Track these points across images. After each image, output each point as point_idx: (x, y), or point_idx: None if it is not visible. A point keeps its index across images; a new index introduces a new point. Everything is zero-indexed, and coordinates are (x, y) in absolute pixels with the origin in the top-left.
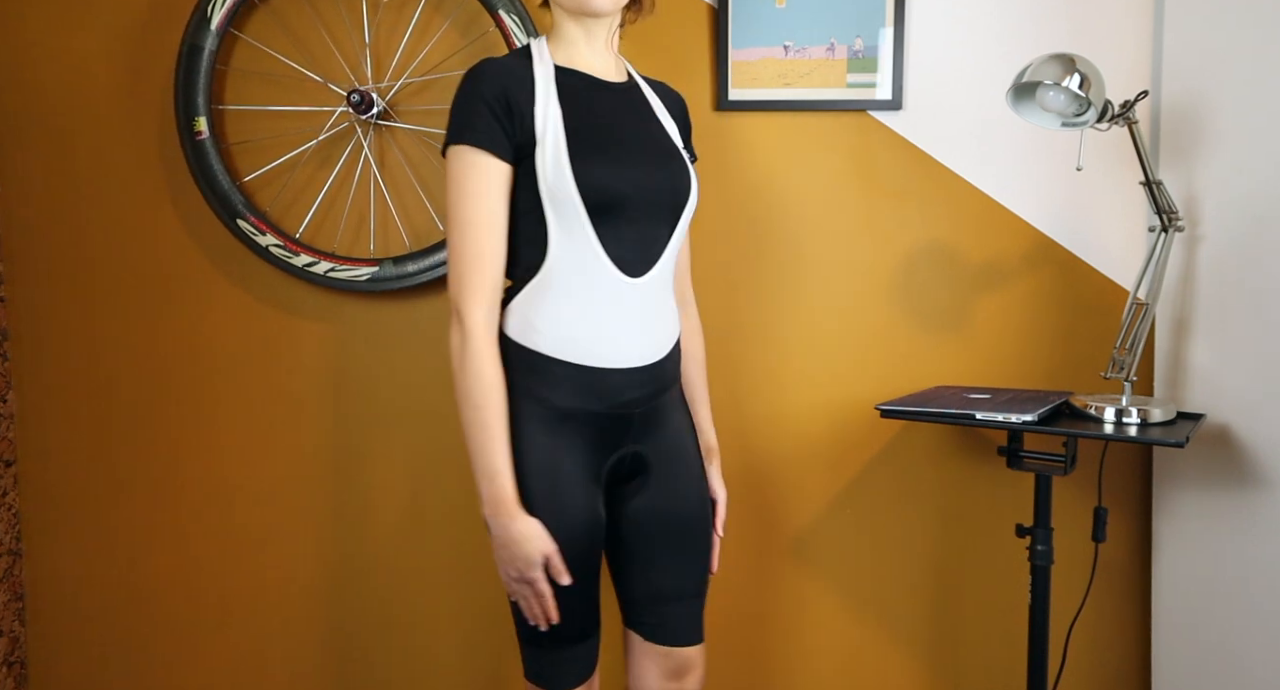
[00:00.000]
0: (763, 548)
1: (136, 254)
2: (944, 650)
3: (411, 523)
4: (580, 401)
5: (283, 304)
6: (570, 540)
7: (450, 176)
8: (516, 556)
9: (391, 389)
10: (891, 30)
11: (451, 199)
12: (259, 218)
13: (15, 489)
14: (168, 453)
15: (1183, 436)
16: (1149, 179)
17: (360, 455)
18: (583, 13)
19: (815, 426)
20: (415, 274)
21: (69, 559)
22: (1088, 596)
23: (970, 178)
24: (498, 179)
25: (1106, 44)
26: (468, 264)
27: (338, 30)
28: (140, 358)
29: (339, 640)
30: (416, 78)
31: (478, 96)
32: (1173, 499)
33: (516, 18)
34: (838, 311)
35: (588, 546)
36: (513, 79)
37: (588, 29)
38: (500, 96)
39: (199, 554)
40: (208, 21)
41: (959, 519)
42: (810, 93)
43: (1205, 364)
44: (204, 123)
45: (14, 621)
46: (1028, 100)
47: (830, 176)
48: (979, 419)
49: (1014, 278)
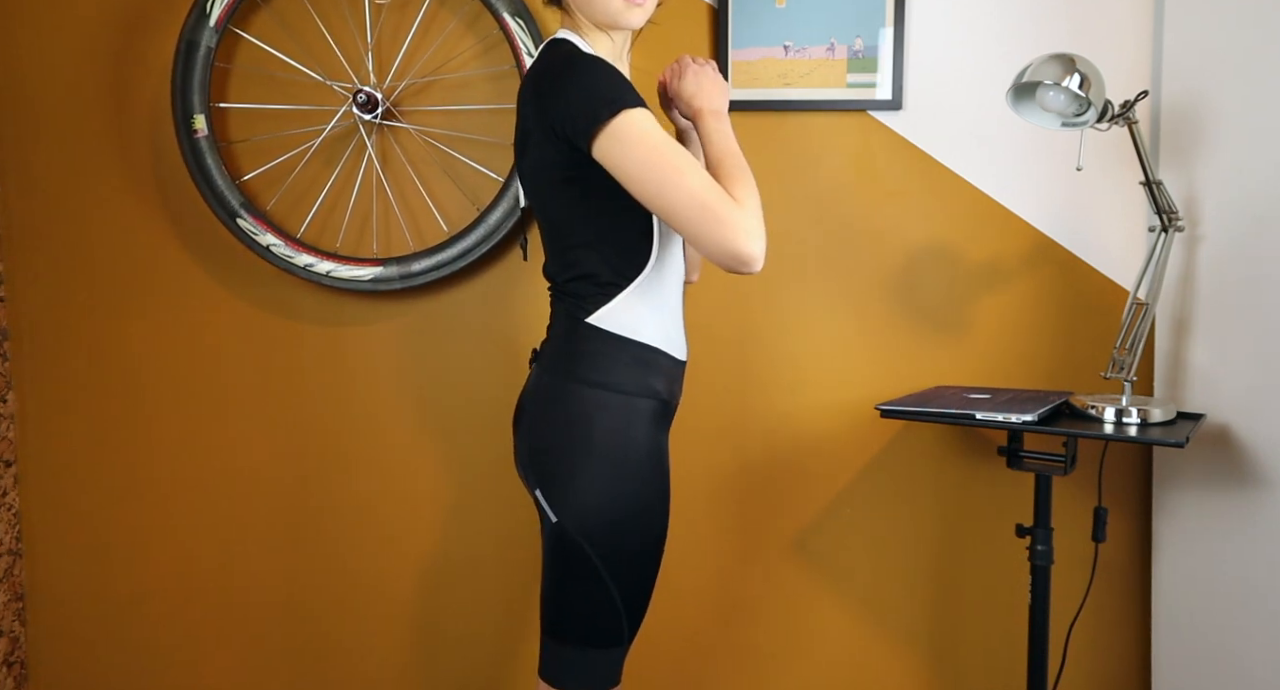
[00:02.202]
0: (763, 547)
1: (137, 254)
2: (944, 650)
3: (412, 522)
4: (671, 393)
5: (284, 304)
6: (662, 535)
7: (634, 138)
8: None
9: (393, 390)
10: (891, 30)
11: (649, 157)
12: (259, 217)
13: (15, 489)
14: (167, 452)
15: (1183, 436)
16: (1149, 179)
17: (361, 455)
18: (615, 27)
19: (815, 426)
20: (419, 274)
21: (69, 559)
22: (1088, 596)
23: (970, 178)
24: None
25: (1106, 44)
26: (712, 193)
27: (341, 30)
28: (140, 358)
29: (339, 640)
30: (420, 79)
31: (611, 71)
32: (1173, 499)
33: (521, 21)
34: (838, 311)
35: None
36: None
37: (613, 38)
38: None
39: (198, 554)
40: (206, 17)
41: (959, 519)
42: (810, 93)
43: (1205, 364)
44: (202, 120)
45: (14, 621)
46: (1028, 100)
47: (830, 176)
48: (979, 419)
49: (1014, 278)
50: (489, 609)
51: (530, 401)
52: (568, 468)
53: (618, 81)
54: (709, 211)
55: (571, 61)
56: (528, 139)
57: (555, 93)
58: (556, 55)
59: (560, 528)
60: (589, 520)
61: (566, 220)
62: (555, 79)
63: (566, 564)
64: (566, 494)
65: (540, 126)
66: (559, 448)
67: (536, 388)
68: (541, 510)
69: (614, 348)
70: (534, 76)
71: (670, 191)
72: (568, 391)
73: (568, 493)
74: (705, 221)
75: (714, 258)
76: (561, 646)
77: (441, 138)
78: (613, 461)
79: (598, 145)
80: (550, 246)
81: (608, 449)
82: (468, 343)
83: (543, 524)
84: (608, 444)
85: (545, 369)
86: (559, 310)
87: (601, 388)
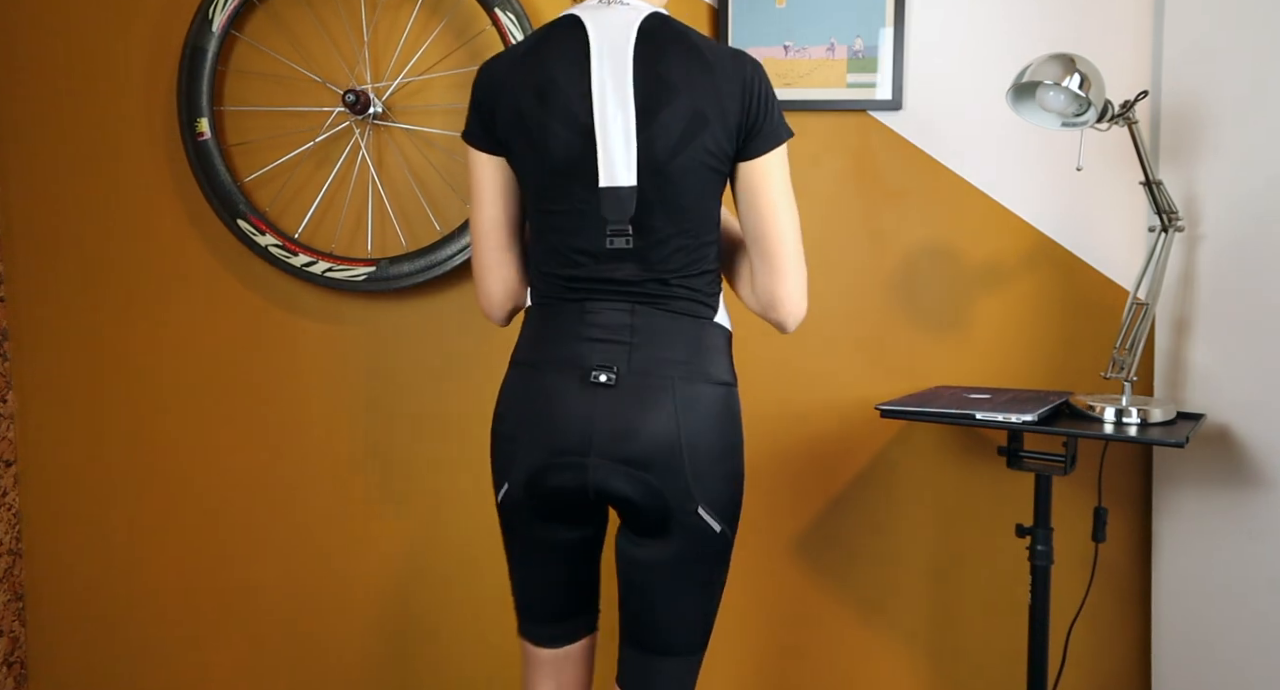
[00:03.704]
0: (763, 548)
1: (136, 254)
2: (944, 650)
3: (412, 522)
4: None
5: (282, 304)
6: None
7: (786, 170)
8: None
9: (390, 388)
10: (891, 30)
11: (789, 189)
12: (259, 218)
13: (15, 489)
14: (167, 452)
15: (1183, 436)
16: (1149, 179)
17: (360, 455)
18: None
19: (815, 426)
20: (412, 274)
21: (69, 559)
22: (1088, 596)
23: (970, 178)
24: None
25: (1106, 44)
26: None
27: (336, 30)
28: (140, 358)
29: (339, 639)
30: (414, 77)
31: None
32: (1173, 499)
33: (513, 15)
34: (838, 311)
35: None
36: None
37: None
38: None
39: (198, 554)
40: (209, 23)
41: (959, 519)
42: (810, 93)
43: (1205, 364)
44: (206, 123)
45: (14, 621)
46: (1028, 100)
47: (830, 176)
48: (979, 419)
49: (1014, 278)
50: (489, 609)
51: (678, 422)
52: (730, 475)
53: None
54: (800, 250)
55: (761, 68)
56: (700, 123)
57: (764, 93)
58: (732, 50)
59: (724, 537)
60: (734, 522)
61: (709, 212)
62: (764, 79)
63: (723, 572)
64: (728, 503)
65: (728, 112)
66: (723, 457)
67: (688, 400)
68: (692, 524)
69: (728, 343)
70: (732, 59)
71: (793, 224)
72: (717, 395)
73: (730, 501)
74: (798, 257)
75: (771, 296)
76: (697, 656)
77: (436, 137)
78: (742, 459)
79: (770, 157)
80: (676, 239)
81: (742, 447)
82: (464, 342)
83: (687, 535)
84: (742, 442)
85: (682, 378)
86: (668, 307)
87: (734, 385)
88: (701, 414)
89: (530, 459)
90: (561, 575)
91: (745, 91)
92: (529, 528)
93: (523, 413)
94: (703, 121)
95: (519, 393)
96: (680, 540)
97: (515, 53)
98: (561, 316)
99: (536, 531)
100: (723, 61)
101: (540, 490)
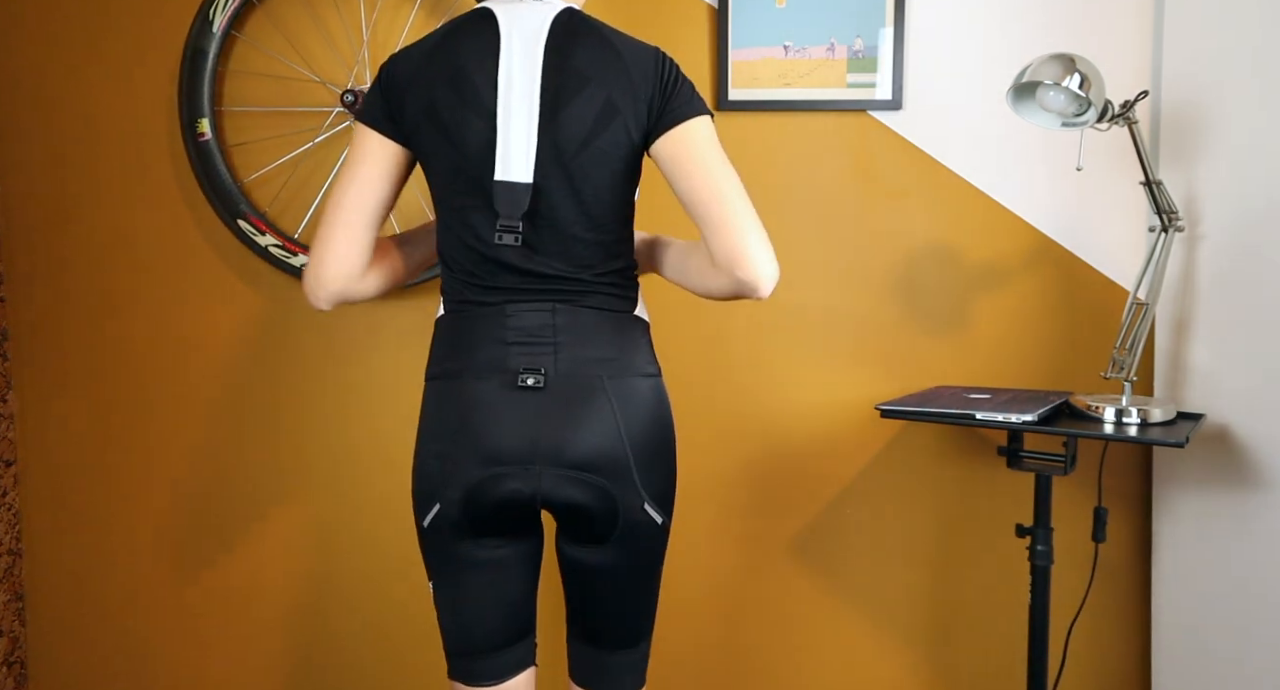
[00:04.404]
0: (762, 547)
1: (136, 254)
2: (944, 650)
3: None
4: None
5: (282, 304)
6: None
7: (715, 137)
8: None
9: (390, 388)
10: (891, 30)
11: (722, 154)
12: (259, 218)
13: (15, 489)
14: (167, 453)
15: (1182, 436)
16: (1149, 179)
17: (360, 455)
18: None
19: (815, 426)
20: None
21: (69, 559)
22: (1088, 596)
23: (970, 178)
24: None
25: (1106, 44)
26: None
27: (335, 30)
28: (140, 358)
29: (339, 639)
30: None
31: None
32: (1173, 499)
33: None
34: (838, 311)
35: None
36: None
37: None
38: None
39: (199, 554)
40: (210, 24)
41: (959, 519)
42: (810, 93)
43: (1205, 364)
44: (207, 124)
45: (14, 621)
46: (1028, 100)
47: (830, 176)
48: (979, 419)
49: (1014, 278)
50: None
51: (612, 415)
52: (668, 466)
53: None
54: (751, 209)
55: (670, 58)
56: (610, 111)
57: (675, 76)
58: (642, 42)
59: (666, 526)
60: (671, 510)
61: (620, 205)
62: (674, 65)
63: (662, 558)
64: (667, 493)
65: (639, 98)
66: (661, 449)
67: (623, 397)
68: (638, 521)
69: (648, 334)
70: (642, 48)
71: (733, 184)
72: (649, 388)
73: (669, 490)
74: (750, 215)
75: (730, 257)
76: (649, 638)
77: None
78: (674, 447)
79: (689, 124)
80: (589, 234)
81: (674, 435)
82: None
83: (634, 533)
84: (674, 430)
85: (611, 376)
86: (588, 303)
87: (659, 375)
88: (638, 409)
89: (467, 474)
90: (499, 595)
91: (656, 75)
92: (462, 548)
93: (449, 427)
94: (614, 111)
95: (442, 407)
96: (626, 541)
97: (425, 44)
98: (478, 320)
99: (470, 551)
100: (632, 51)
101: (479, 505)
